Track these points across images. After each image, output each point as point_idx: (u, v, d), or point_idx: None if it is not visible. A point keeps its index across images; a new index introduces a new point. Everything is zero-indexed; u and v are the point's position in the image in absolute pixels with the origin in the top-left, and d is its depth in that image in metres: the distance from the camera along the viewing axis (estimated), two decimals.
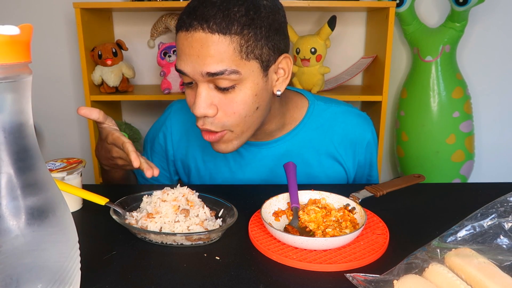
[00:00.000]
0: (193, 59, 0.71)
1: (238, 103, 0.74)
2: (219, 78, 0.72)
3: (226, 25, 0.69)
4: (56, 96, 2.07)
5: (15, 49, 0.37)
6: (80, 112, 0.79)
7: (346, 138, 0.94)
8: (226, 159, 0.95)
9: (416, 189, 0.83)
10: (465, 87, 1.86)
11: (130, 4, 1.70)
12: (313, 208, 0.70)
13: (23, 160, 0.39)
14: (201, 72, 0.71)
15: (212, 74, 0.71)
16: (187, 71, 0.73)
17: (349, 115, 0.95)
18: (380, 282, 0.51)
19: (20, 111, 0.39)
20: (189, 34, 0.71)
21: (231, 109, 0.75)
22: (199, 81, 0.73)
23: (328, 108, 0.95)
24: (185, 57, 0.73)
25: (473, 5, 1.67)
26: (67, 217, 0.43)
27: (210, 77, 0.72)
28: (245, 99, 0.75)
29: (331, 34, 1.73)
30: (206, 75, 0.71)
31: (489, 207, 0.58)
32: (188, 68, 0.73)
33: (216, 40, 0.69)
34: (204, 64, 0.70)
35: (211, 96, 0.74)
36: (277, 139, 0.93)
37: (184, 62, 0.73)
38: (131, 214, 0.69)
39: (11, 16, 1.96)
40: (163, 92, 1.77)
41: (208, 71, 0.71)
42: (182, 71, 0.74)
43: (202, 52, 0.70)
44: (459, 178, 1.89)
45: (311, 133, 0.93)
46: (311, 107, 0.94)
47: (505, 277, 0.48)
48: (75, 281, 0.44)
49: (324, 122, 0.94)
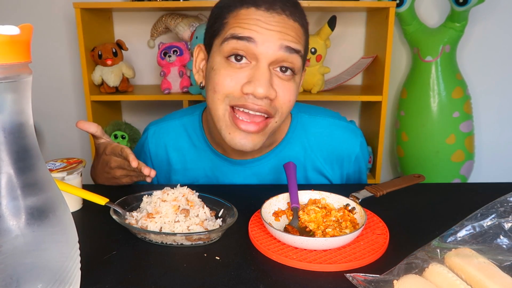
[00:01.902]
0: (270, 34, 0.71)
1: (292, 92, 0.75)
2: (289, 59, 0.72)
3: (299, 15, 0.74)
4: (56, 96, 2.07)
5: (15, 49, 0.37)
6: (79, 125, 0.79)
7: (332, 153, 0.90)
8: (209, 179, 0.92)
9: (416, 189, 0.83)
10: (465, 87, 1.86)
11: (130, 4, 1.70)
12: (313, 208, 0.70)
13: (23, 160, 0.39)
14: (281, 44, 0.71)
15: (291, 49, 0.72)
16: (259, 39, 0.71)
17: (335, 128, 0.91)
18: (380, 282, 0.51)
19: (20, 111, 0.39)
20: (269, 14, 0.72)
21: (288, 97, 0.75)
22: (264, 58, 0.71)
23: (313, 120, 0.91)
24: (259, 29, 0.71)
25: (473, 5, 1.67)
26: (67, 217, 0.43)
27: (285, 53, 0.72)
28: (296, 91, 0.76)
29: (331, 34, 1.73)
30: (284, 49, 0.71)
31: (489, 207, 0.58)
32: (261, 37, 0.71)
33: (296, 26, 0.74)
34: (286, 39, 0.72)
35: (272, 78, 0.73)
36: (261, 156, 0.89)
37: (258, 32, 0.71)
38: (131, 214, 0.69)
39: (11, 16, 1.97)
40: (163, 92, 1.77)
41: (289, 45, 0.72)
42: (252, 39, 0.70)
43: (283, 30, 0.72)
44: (459, 178, 1.89)
45: (296, 148, 0.89)
46: (294, 120, 0.90)
47: (505, 277, 0.48)
48: (75, 281, 0.44)
49: (309, 136, 0.90)
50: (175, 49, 1.77)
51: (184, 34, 1.83)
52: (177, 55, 1.77)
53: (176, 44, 1.78)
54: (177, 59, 1.77)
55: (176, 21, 1.84)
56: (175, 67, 1.78)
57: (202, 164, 0.92)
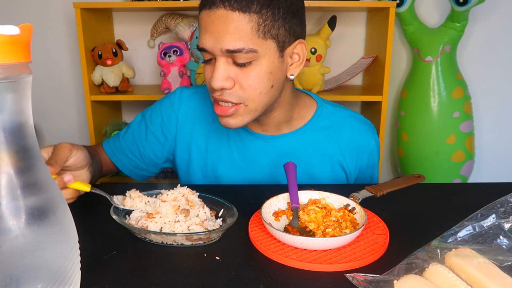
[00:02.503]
0: (213, 36, 0.75)
1: (253, 77, 0.78)
2: (237, 55, 0.75)
3: (246, 3, 0.73)
4: (56, 96, 2.07)
5: (15, 49, 0.37)
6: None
7: (351, 142, 0.96)
8: (230, 149, 0.95)
9: (416, 189, 0.83)
10: (465, 87, 1.86)
11: (130, 4, 1.70)
12: (313, 208, 0.70)
13: (23, 160, 0.39)
14: (220, 48, 0.75)
15: (231, 51, 0.75)
16: (208, 47, 0.77)
17: (355, 120, 0.97)
18: (380, 282, 0.51)
19: (20, 111, 0.39)
20: (212, 12, 0.75)
21: (247, 82, 0.78)
22: (218, 56, 0.77)
23: (336, 111, 0.97)
24: (206, 34, 0.77)
25: (473, 5, 1.67)
26: (67, 217, 0.43)
27: (227, 53, 0.75)
28: (260, 75, 0.78)
29: (331, 34, 1.73)
30: (225, 52, 0.75)
31: (489, 208, 0.58)
32: (209, 44, 0.76)
33: (236, 18, 0.73)
34: (224, 41, 0.74)
35: (229, 70, 0.78)
36: (283, 134, 0.94)
37: (206, 39, 0.77)
38: (117, 198, 0.70)
39: (11, 16, 1.97)
40: (163, 92, 1.77)
41: (227, 48, 0.74)
42: (204, 48, 0.77)
43: (222, 29, 0.74)
44: (459, 178, 1.89)
45: (318, 133, 0.95)
46: (319, 109, 0.96)
47: (505, 277, 0.48)
48: (75, 281, 0.44)
49: (331, 124, 0.95)
50: (175, 49, 1.77)
51: (184, 34, 1.83)
52: (177, 55, 1.77)
53: (176, 44, 1.78)
54: (177, 59, 1.77)
55: (176, 21, 1.84)
56: (175, 67, 1.78)
57: (226, 133, 0.96)
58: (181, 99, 0.98)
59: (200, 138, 0.97)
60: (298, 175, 0.82)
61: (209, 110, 0.97)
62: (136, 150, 0.99)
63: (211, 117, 0.96)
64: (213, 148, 0.96)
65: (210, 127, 0.97)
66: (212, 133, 0.96)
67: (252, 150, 0.95)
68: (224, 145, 0.96)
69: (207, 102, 0.98)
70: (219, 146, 0.96)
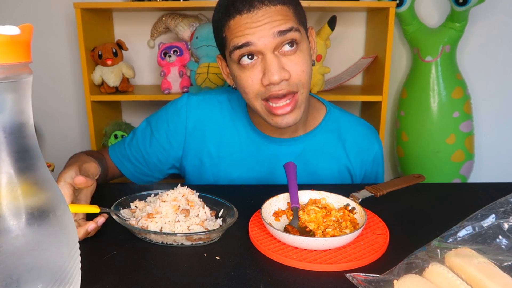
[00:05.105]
0: (261, 29, 0.78)
1: (301, 62, 0.81)
2: (286, 38, 0.78)
3: None
4: (56, 96, 2.07)
5: (15, 49, 0.37)
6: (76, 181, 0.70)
7: (356, 146, 0.98)
8: (243, 154, 0.96)
9: (416, 189, 0.83)
10: (465, 87, 1.86)
11: (130, 4, 1.70)
12: (313, 208, 0.70)
13: (23, 160, 0.39)
14: (272, 33, 0.78)
15: (283, 31, 0.78)
16: (255, 40, 0.78)
17: (360, 125, 1.01)
18: (380, 282, 0.51)
19: (20, 111, 0.39)
20: (253, 13, 0.78)
21: (301, 68, 0.81)
22: (267, 50, 0.79)
23: (343, 116, 1.00)
24: (251, 30, 0.78)
25: (473, 5, 1.67)
26: (67, 217, 0.43)
27: (280, 37, 0.78)
28: (306, 58, 0.82)
29: (331, 34, 1.73)
30: (277, 35, 0.78)
31: (489, 208, 0.58)
32: (255, 37, 0.78)
33: (279, 9, 0.79)
34: (273, 26, 0.78)
35: (281, 62, 0.80)
36: (296, 137, 0.96)
37: (251, 34, 0.78)
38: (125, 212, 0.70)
39: (11, 16, 1.96)
40: (163, 92, 1.77)
41: (279, 29, 0.78)
42: (249, 42, 0.78)
43: (269, 20, 0.78)
44: (459, 178, 1.89)
45: (327, 136, 0.97)
46: (328, 113, 0.99)
47: (505, 277, 0.48)
48: (75, 281, 0.44)
49: (339, 128, 0.99)
50: (175, 49, 1.77)
51: (184, 34, 1.83)
52: (177, 55, 1.77)
53: (176, 44, 1.78)
54: (177, 59, 1.77)
55: (176, 21, 1.84)
56: (175, 67, 1.78)
57: (238, 138, 0.97)
58: (189, 107, 0.98)
59: (211, 145, 0.97)
60: (306, 177, 0.82)
61: (218, 116, 0.98)
62: (141, 157, 0.99)
63: (221, 124, 0.97)
64: (225, 154, 0.97)
65: (222, 133, 0.97)
66: (223, 139, 0.97)
67: (265, 154, 0.96)
68: (237, 149, 0.96)
69: (215, 108, 0.98)
70: (231, 151, 0.96)
